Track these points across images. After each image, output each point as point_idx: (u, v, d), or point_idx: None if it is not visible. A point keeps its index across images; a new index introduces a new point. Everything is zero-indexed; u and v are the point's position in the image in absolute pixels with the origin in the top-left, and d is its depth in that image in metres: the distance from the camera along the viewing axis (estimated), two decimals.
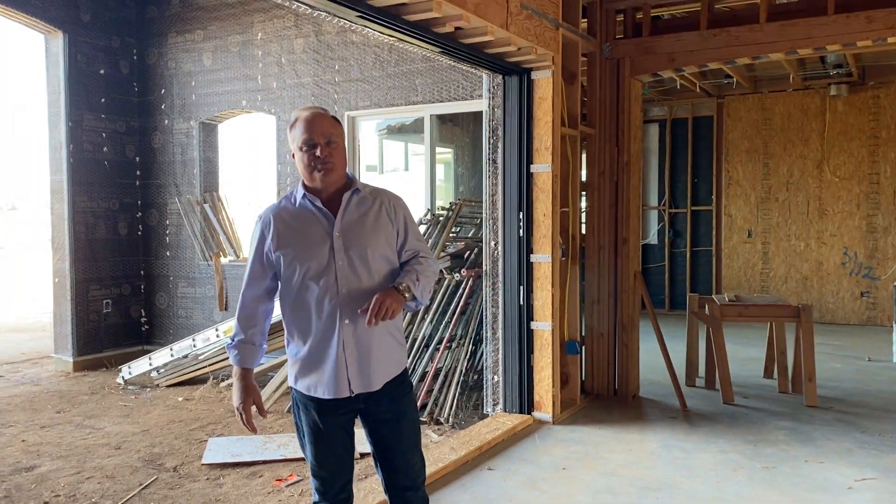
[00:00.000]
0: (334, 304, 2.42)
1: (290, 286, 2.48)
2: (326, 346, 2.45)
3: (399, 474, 2.60)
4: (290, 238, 2.46)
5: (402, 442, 2.58)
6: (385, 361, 2.52)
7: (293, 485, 4.38)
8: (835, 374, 6.65)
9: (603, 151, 5.84)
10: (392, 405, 2.56)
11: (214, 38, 7.91)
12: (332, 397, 2.47)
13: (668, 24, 6.00)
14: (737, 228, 10.29)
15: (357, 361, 2.45)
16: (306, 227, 2.47)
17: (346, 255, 2.43)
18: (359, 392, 2.48)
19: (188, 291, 8.23)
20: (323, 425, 2.52)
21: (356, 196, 2.51)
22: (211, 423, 5.74)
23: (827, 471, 4.19)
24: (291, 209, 2.51)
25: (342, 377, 2.45)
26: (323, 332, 2.44)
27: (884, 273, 9.38)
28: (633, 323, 5.90)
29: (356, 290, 2.43)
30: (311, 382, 2.49)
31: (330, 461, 2.56)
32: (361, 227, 2.47)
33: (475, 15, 4.00)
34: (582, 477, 4.14)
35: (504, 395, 5.32)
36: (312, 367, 2.48)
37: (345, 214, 2.47)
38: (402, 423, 2.57)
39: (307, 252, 2.44)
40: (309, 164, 2.44)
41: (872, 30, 4.90)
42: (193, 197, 8.13)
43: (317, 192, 2.49)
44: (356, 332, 2.44)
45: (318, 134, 2.42)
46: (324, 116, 2.49)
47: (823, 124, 9.71)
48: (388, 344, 2.53)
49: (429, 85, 6.68)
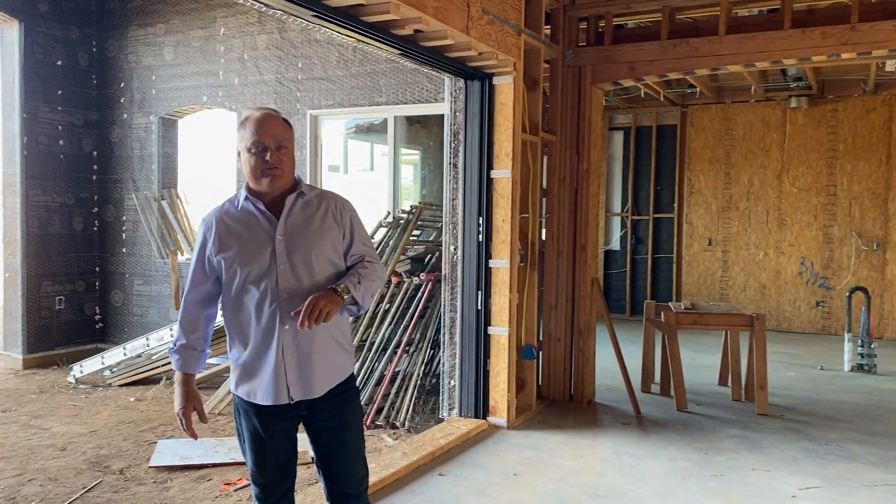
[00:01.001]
0: (274, 308, 2.37)
1: (230, 290, 2.43)
2: (266, 352, 2.40)
3: (342, 483, 2.57)
4: (232, 241, 2.41)
5: (346, 450, 2.54)
6: (327, 368, 2.47)
7: (242, 489, 4.31)
8: (788, 383, 6.76)
9: (564, 158, 5.86)
10: (335, 413, 2.51)
11: (176, 32, 7.78)
12: (271, 404, 2.42)
13: (630, 34, 6.04)
14: (698, 236, 10.42)
15: (297, 368, 2.40)
16: (248, 231, 2.42)
17: (288, 259, 2.38)
18: (298, 399, 2.43)
19: (144, 289, 8.09)
20: (264, 432, 2.47)
21: (301, 199, 2.46)
22: (162, 425, 5.64)
23: (773, 479, 4.25)
24: (234, 212, 2.46)
25: (281, 383, 2.40)
26: (262, 336, 2.40)
27: (839, 283, 9.56)
28: (589, 329, 5.93)
29: (298, 294, 2.37)
30: (250, 388, 2.45)
31: (270, 468, 2.51)
32: (306, 230, 2.42)
33: (434, 18, 3.98)
34: (532, 483, 4.14)
35: (460, 399, 5.31)
36: (252, 372, 2.43)
37: (288, 217, 2.42)
38: (345, 432, 2.53)
39: (248, 255, 2.39)
40: (257, 168, 2.37)
41: (827, 45, 4.98)
42: (151, 193, 7.99)
43: (260, 194, 2.44)
44: (296, 338, 2.39)
45: (269, 137, 2.36)
46: (276, 119, 2.43)
47: (784, 136, 9.88)
48: (332, 350, 2.49)
49: (393, 86, 6.64)
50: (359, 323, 5.92)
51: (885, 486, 4.15)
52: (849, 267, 9.55)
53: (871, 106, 9.40)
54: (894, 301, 9.32)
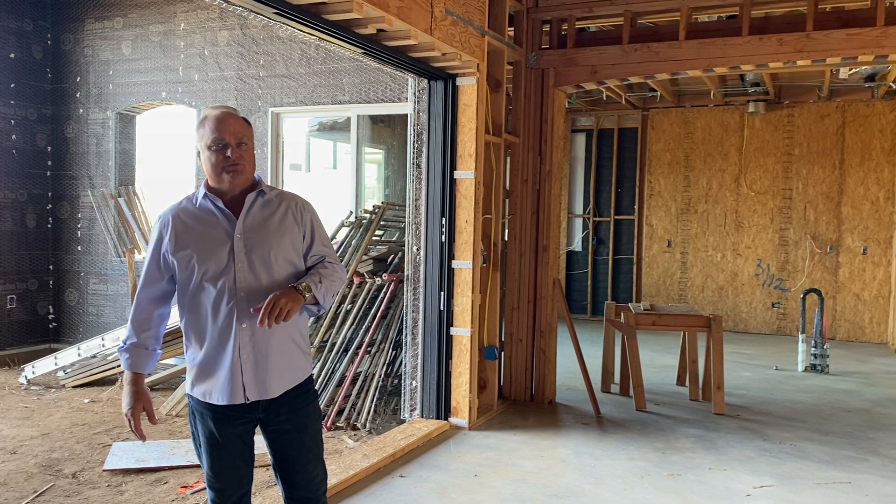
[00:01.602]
0: (231, 306, 2.35)
1: (187, 288, 2.40)
2: (222, 351, 2.37)
3: (299, 486, 2.54)
4: (189, 239, 2.38)
5: (303, 453, 2.52)
6: (284, 368, 2.44)
7: (199, 492, 4.24)
8: (743, 383, 6.89)
9: (526, 160, 5.89)
10: (293, 415, 2.49)
11: (134, 26, 7.63)
12: (227, 403, 2.39)
13: (593, 37, 6.09)
14: (657, 238, 10.56)
15: (253, 367, 2.38)
16: (206, 229, 2.39)
17: (246, 258, 2.37)
18: (255, 399, 2.40)
19: (100, 288, 7.92)
20: (219, 434, 2.43)
21: (261, 198, 2.45)
22: (117, 427, 5.52)
23: (728, 478, 4.32)
24: (192, 209, 2.43)
25: (237, 383, 2.37)
26: (219, 335, 2.37)
27: (793, 285, 9.78)
28: (550, 329, 5.97)
29: (256, 293, 2.36)
30: (206, 388, 2.41)
31: (226, 472, 2.47)
32: (265, 229, 2.41)
33: (398, 18, 3.96)
34: (492, 484, 4.15)
35: (422, 400, 5.30)
36: (208, 372, 2.40)
37: (247, 216, 2.41)
38: (303, 435, 2.50)
39: (206, 253, 2.36)
40: (218, 165, 2.36)
41: (783, 52, 5.09)
42: (108, 190, 7.82)
43: (220, 192, 2.43)
44: (253, 337, 2.37)
45: (230, 134, 2.36)
46: (235, 117, 2.42)
47: (741, 140, 10.06)
48: (289, 350, 2.46)
49: (356, 85, 6.61)
50: (320, 323, 5.88)
51: (835, 484, 4.25)
52: (803, 269, 9.77)
53: (825, 112, 9.63)
54: (846, 303, 9.57)
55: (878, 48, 4.89)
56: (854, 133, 9.50)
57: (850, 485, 4.25)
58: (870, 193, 9.45)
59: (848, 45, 4.97)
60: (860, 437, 5.19)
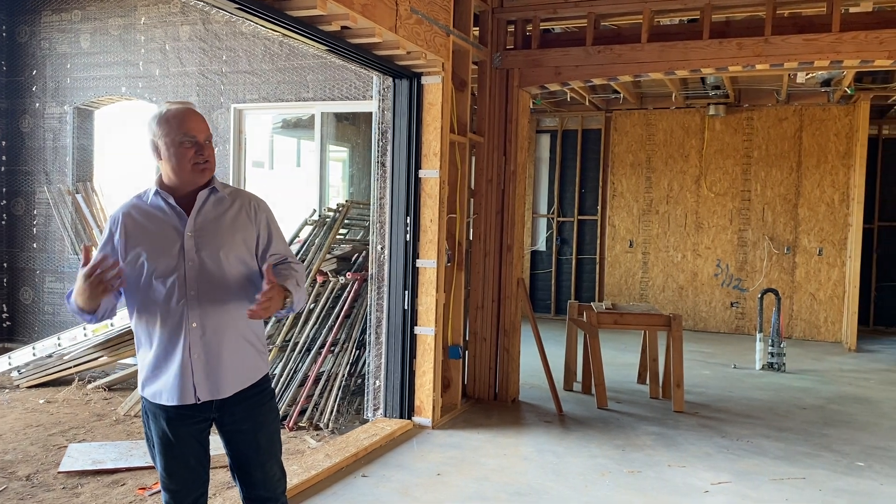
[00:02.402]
0: (182, 304, 2.32)
1: (136, 287, 2.35)
2: (172, 350, 2.34)
3: (258, 487, 2.53)
4: (139, 237, 2.35)
5: (260, 454, 2.50)
6: (237, 368, 2.42)
7: (157, 493, 4.18)
8: (703, 381, 7.00)
9: (491, 160, 5.91)
10: (248, 414, 2.46)
11: (93, 19, 7.48)
12: (177, 404, 2.36)
13: (557, 39, 6.14)
14: (619, 238, 10.68)
15: (204, 366, 2.35)
16: (157, 225, 2.36)
17: (197, 256, 2.34)
18: (206, 399, 2.38)
19: (56, 286, 7.74)
20: (172, 435, 2.40)
21: (213, 196, 2.42)
22: (73, 428, 5.41)
23: (687, 475, 4.39)
24: (143, 207, 2.39)
25: (187, 383, 2.34)
26: (169, 335, 2.34)
27: (752, 285, 9.97)
28: (514, 328, 6.00)
29: (206, 291, 2.34)
30: (156, 389, 2.38)
31: (180, 474, 2.44)
32: (217, 227, 2.38)
33: (362, 16, 3.95)
34: (455, 483, 4.16)
35: (385, 400, 5.29)
36: (158, 372, 2.37)
37: (199, 214, 2.38)
38: (259, 434, 2.48)
39: (156, 251, 2.33)
40: (187, 162, 2.33)
41: (742, 56, 5.18)
42: (65, 186, 7.65)
43: (171, 189, 2.39)
44: (204, 336, 2.34)
45: (199, 131, 2.34)
46: (199, 114, 2.41)
47: (702, 142, 10.22)
48: (243, 349, 2.44)
49: (320, 82, 6.56)
50: (283, 323, 5.82)
51: (789, 480, 4.34)
52: (761, 269, 9.96)
53: (783, 115, 9.83)
54: (803, 302, 9.78)
55: (833, 53, 5.01)
56: (811, 136, 9.72)
57: (804, 480, 4.35)
58: (825, 196, 9.67)
59: (805, 50, 5.08)
60: (814, 434, 5.31)
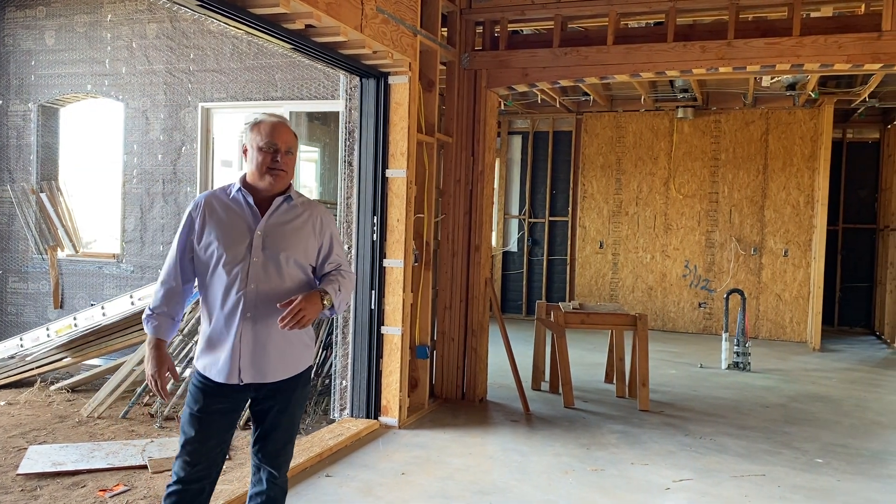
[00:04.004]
0: (240, 295, 2.54)
1: (206, 268, 2.59)
2: (226, 334, 2.56)
3: (268, 458, 2.70)
4: (215, 224, 2.58)
5: (279, 432, 2.68)
6: (282, 359, 2.61)
7: (119, 495, 4.13)
8: (669, 380, 7.08)
9: (459, 160, 5.93)
10: (281, 398, 2.65)
11: (59, 15, 7.38)
12: (223, 382, 2.57)
13: (525, 40, 6.18)
14: (590, 239, 10.76)
15: (251, 354, 2.56)
16: (233, 219, 2.59)
17: (262, 254, 2.56)
18: (248, 381, 2.57)
19: (19, 287, 7.62)
20: (206, 411, 2.59)
21: (287, 203, 2.66)
22: (34, 430, 5.33)
23: (650, 472, 4.44)
24: (224, 199, 2.63)
25: (234, 365, 2.56)
26: (225, 319, 2.56)
27: (719, 285, 10.10)
28: (482, 328, 6.02)
29: (264, 288, 2.55)
30: (207, 362, 2.61)
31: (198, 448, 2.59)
32: (284, 231, 2.61)
33: (326, 14, 3.94)
34: (419, 482, 4.16)
35: (352, 400, 5.28)
36: (211, 349, 2.60)
37: (271, 216, 2.61)
38: (283, 416, 2.67)
39: (227, 241, 2.56)
40: (263, 165, 2.57)
41: (706, 59, 5.25)
42: (29, 185, 7.53)
43: (254, 190, 2.63)
44: (255, 327, 2.55)
45: (283, 141, 2.59)
46: (289, 127, 2.67)
47: (671, 144, 10.34)
48: (288, 343, 2.61)
49: (289, 81, 6.54)
50: None
51: (750, 477, 4.41)
52: (728, 270, 10.10)
53: (749, 119, 9.98)
54: (769, 303, 9.93)
55: (793, 57, 5.10)
56: (777, 139, 9.88)
57: (764, 477, 4.42)
58: (791, 198, 9.83)
59: (766, 53, 5.16)
60: (776, 432, 5.40)
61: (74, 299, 7.42)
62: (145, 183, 7.13)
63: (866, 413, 6.04)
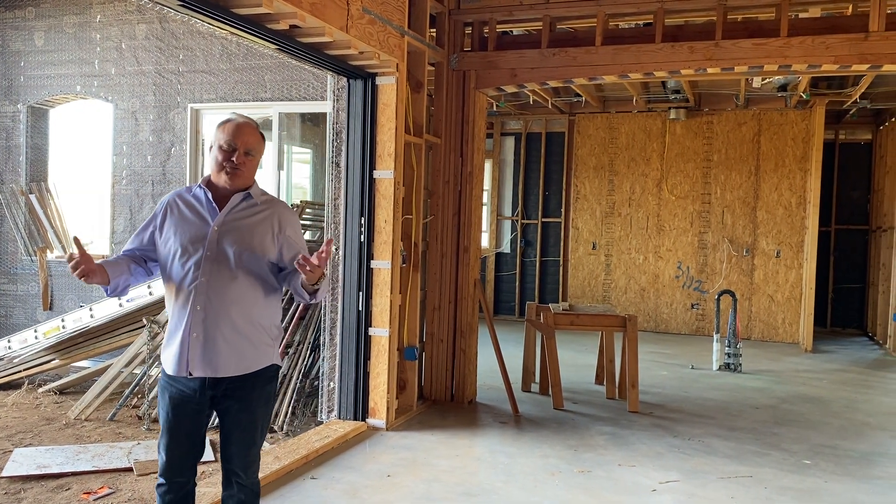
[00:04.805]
0: (192, 288, 2.57)
1: (165, 264, 2.64)
2: (179, 326, 2.59)
3: (231, 461, 2.70)
4: (176, 220, 2.64)
5: (241, 431, 2.67)
6: (234, 354, 2.60)
7: (103, 497, 4.11)
8: (659, 381, 7.07)
9: (448, 161, 5.91)
10: (240, 396, 2.65)
11: (48, 16, 7.36)
12: (173, 374, 2.61)
13: (514, 41, 6.17)
14: (583, 240, 10.75)
15: (201, 346, 2.57)
16: (192, 214, 2.65)
17: (216, 248, 2.59)
18: (198, 375, 2.58)
19: (8, 288, 7.59)
20: (173, 409, 2.64)
21: (246, 200, 2.68)
22: (20, 433, 5.31)
23: (637, 474, 4.42)
24: (186, 196, 2.70)
25: (183, 358, 2.58)
26: (178, 311, 2.60)
27: (712, 287, 10.10)
28: (471, 329, 6.01)
29: (216, 282, 2.57)
30: (165, 356, 2.66)
31: (172, 447, 2.66)
32: (239, 226, 2.63)
33: (311, 14, 3.92)
34: (405, 484, 4.14)
35: (339, 401, 5.25)
36: (169, 342, 2.64)
37: (229, 212, 2.64)
38: (243, 414, 2.66)
39: (184, 235, 2.61)
40: (220, 164, 2.63)
41: (694, 59, 5.25)
42: (18, 186, 7.51)
43: (215, 188, 2.68)
44: (206, 320, 2.57)
45: (242, 142, 2.63)
46: (253, 129, 2.69)
47: (663, 146, 10.34)
48: (238, 339, 2.60)
49: (278, 82, 6.52)
50: None
51: (737, 478, 4.40)
52: (721, 271, 10.10)
53: (742, 120, 9.98)
54: (761, 304, 9.93)
55: (781, 58, 5.09)
56: (769, 140, 9.88)
57: (751, 478, 4.41)
58: (783, 199, 9.83)
59: (754, 54, 5.16)
60: (765, 433, 5.39)
61: (64, 301, 7.40)
62: (135, 184, 7.11)
63: (856, 414, 6.03)
